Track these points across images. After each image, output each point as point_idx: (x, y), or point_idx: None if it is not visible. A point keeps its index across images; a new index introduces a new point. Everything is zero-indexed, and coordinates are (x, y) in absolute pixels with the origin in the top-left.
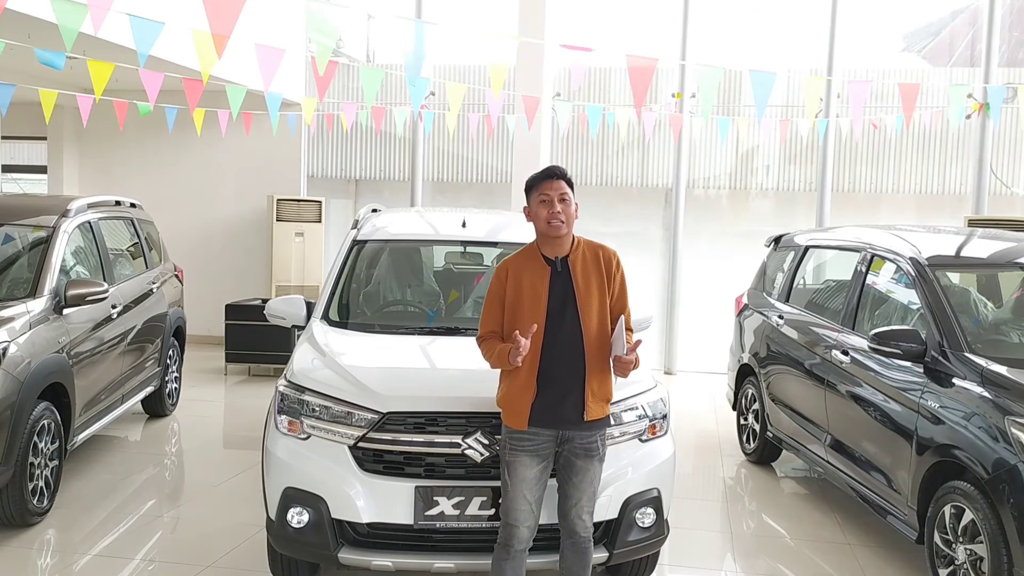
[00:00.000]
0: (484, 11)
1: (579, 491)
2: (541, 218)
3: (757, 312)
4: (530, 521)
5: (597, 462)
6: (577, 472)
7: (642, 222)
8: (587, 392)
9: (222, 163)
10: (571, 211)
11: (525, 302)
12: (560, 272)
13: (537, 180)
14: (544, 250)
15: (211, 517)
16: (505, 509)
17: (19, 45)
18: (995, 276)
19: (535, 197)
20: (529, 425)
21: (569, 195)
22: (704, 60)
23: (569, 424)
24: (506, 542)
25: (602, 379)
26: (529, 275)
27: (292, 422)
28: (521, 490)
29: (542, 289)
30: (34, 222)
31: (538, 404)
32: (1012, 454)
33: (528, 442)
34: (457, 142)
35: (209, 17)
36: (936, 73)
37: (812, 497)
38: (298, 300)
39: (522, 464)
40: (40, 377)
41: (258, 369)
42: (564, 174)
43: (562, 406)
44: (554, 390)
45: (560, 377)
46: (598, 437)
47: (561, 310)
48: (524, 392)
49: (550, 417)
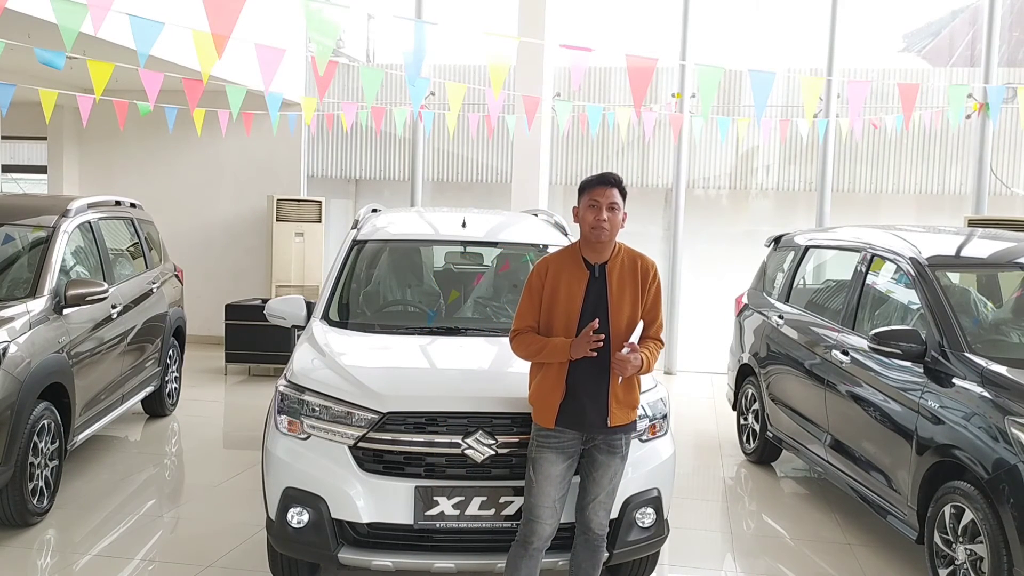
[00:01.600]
0: (484, 11)
1: (599, 487)
2: (587, 222)
3: (757, 312)
4: (552, 519)
5: (619, 460)
6: (599, 467)
7: (642, 222)
8: (611, 399)
9: (222, 163)
10: (617, 220)
11: (560, 303)
12: (597, 278)
13: (591, 184)
14: (585, 253)
15: (211, 517)
16: (528, 506)
17: (19, 45)
18: (995, 276)
19: (585, 200)
20: (556, 425)
21: (619, 203)
22: (704, 60)
23: (594, 428)
24: (525, 539)
25: (628, 386)
26: (567, 276)
27: (292, 422)
28: (545, 487)
29: (578, 292)
30: (34, 222)
31: (566, 405)
32: (1012, 454)
33: (554, 439)
34: (457, 142)
35: (209, 17)
36: (936, 73)
37: (812, 497)
38: (298, 300)
39: (547, 460)
40: (40, 377)
41: (258, 369)
42: (619, 182)
43: (588, 410)
44: (581, 393)
45: (587, 381)
46: (623, 437)
47: (593, 315)
48: (553, 392)
49: (576, 419)
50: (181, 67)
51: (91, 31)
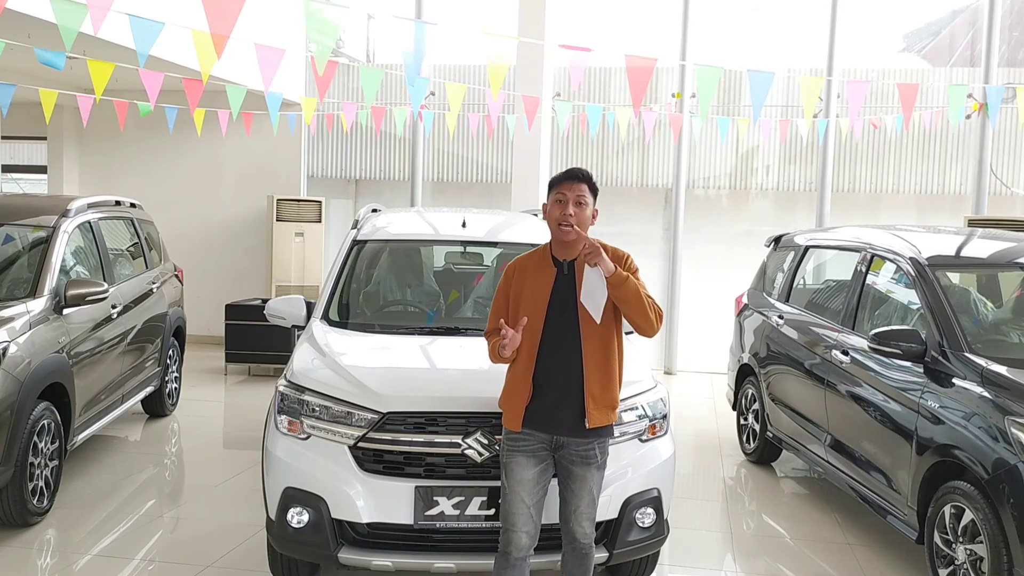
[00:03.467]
0: (484, 11)
1: (578, 498)
2: (554, 218)
3: (757, 312)
4: (528, 527)
5: (595, 470)
6: (575, 480)
7: (642, 222)
8: (587, 398)
9: (222, 163)
10: (585, 216)
11: (527, 302)
12: (566, 275)
13: (558, 179)
14: (555, 251)
15: (211, 517)
16: (504, 513)
17: (19, 45)
18: (995, 276)
19: (553, 196)
20: (523, 427)
21: (587, 199)
22: (704, 60)
23: (565, 430)
24: (505, 549)
25: (605, 385)
26: (534, 275)
27: (292, 422)
28: (519, 492)
29: (545, 290)
30: (34, 222)
31: (533, 407)
32: (1012, 454)
33: (524, 443)
34: (457, 142)
35: (209, 17)
36: (936, 73)
37: (812, 497)
38: (298, 300)
39: (519, 464)
40: (40, 377)
41: (258, 369)
42: (587, 177)
43: (558, 411)
44: (550, 394)
45: (557, 381)
46: (595, 446)
47: (562, 313)
48: (519, 393)
49: (545, 421)
50: (181, 67)
51: (91, 31)
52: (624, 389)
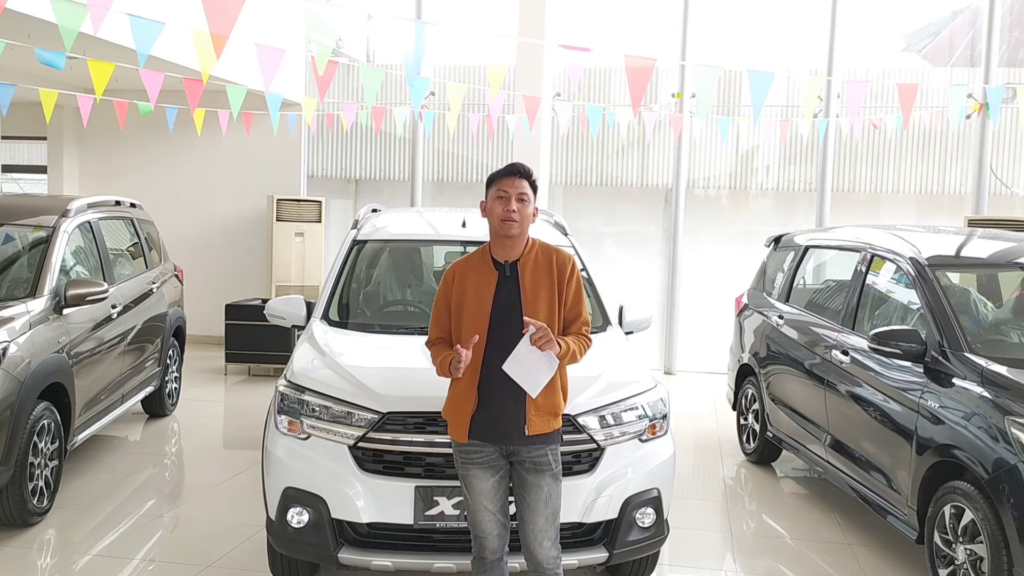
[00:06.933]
0: (484, 11)
1: (535, 512)
2: (495, 215)
3: (757, 312)
4: (496, 530)
5: (550, 479)
6: (530, 490)
7: (642, 222)
8: (528, 405)
9: (222, 163)
10: (527, 212)
11: (469, 307)
12: (508, 277)
13: (498, 175)
14: (495, 252)
15: (211, 517)
16: (471, 522)
17: (19, 45)
18: (995, 276)
19: (493, 192)
20: (469, 438)
21: (529, 196)
22: (704, 60)
23: (510, 439)
24: (479, 554)
25: (547, 392)
26: (475, 279)
27: (292, 422)
28: (481, 501)
29: (487, 294)
30: (34, 222)
31: (478, 417)
32: (1012, 454)
33: (475, 454)
34: (457, 142)
35: (209, 17)
36: (936, 73)
37: (812, 497)
38: (298, 300)
39: (476, 477)
40: (40, 377)
41: (258, 369)
42: (528, 173)
43: (503, 419)
44: (495, 402)
45: (501, 389)
46: (548, 452)
47: (506, 317)
48: (464, 403)
49: (490, 431)
50: (181, 67)
51: (91, 31)
52: (623, 389)
